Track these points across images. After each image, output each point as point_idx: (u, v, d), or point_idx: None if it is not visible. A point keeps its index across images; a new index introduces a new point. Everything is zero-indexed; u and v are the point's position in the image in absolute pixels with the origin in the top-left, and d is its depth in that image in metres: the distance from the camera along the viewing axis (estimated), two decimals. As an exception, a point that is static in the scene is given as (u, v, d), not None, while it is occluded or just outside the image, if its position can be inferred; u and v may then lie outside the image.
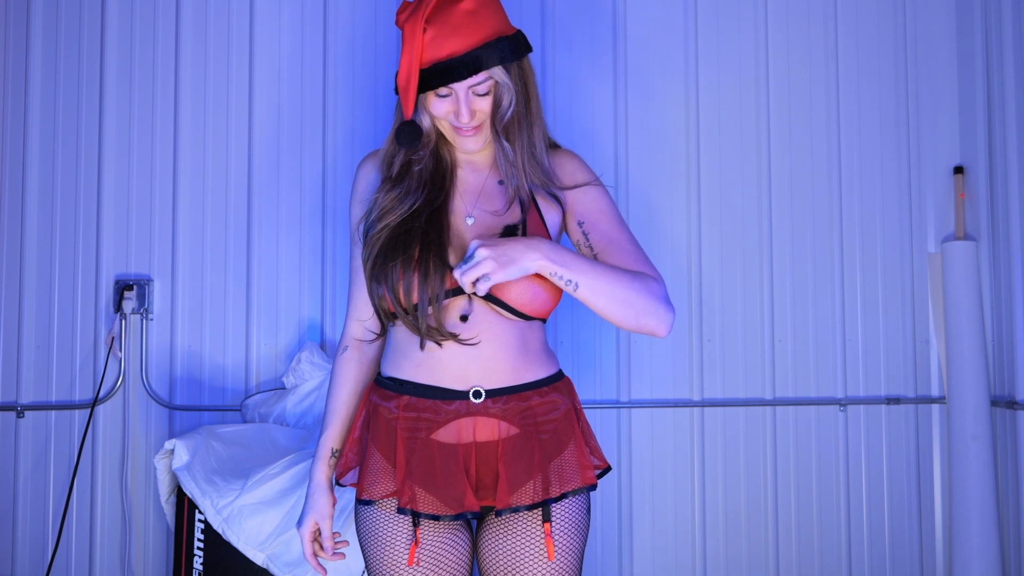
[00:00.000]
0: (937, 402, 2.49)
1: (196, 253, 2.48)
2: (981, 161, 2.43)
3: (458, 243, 1.43)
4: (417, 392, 1.41)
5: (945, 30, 2.54)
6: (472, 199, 1.46)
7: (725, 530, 2.46)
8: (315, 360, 2.35)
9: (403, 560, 1.40)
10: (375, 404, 1.46)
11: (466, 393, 1.39)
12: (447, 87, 1.36)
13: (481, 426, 1.40)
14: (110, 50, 2.51)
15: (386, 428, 1.42)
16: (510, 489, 1.37)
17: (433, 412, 1.40)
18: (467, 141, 1.44)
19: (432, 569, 1.42)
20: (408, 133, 1.41)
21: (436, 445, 1.39)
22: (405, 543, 1.41)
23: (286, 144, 2.50)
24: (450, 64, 1.33)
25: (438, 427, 1.40)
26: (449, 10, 1.34)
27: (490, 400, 1.39)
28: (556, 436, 1.42)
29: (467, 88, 1.37)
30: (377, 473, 1.42)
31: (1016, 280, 2.29)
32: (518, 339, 1.42)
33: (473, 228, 1.43)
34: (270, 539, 1.94)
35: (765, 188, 2.51)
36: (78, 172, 2.50)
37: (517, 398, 1.41)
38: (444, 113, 1.41)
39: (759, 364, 2.49)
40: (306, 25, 2.51)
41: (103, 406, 2.45)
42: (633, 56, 2.52)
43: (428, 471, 1.38)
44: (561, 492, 1.39)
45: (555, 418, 1.42)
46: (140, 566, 2.43)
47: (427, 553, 1.41)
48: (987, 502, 2.33)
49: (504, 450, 1.39)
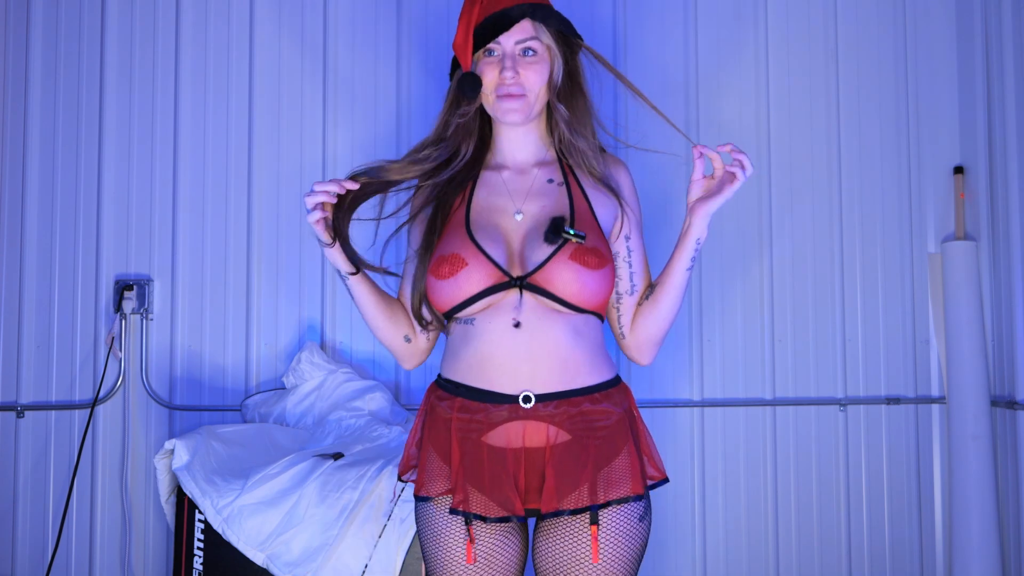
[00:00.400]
0: (937, 402, 2.49)
1: (196, 253, 2.48)
2: (981, 161, 2.42)
3: (507, 239, 1.46)
4: (470, 395, 1.43)
5: (945, 30, 2.53)
6: (521, 198, 1.49)
7: (725, 530, 2.46)
8: (315, 360, 2.35)
9: (460, 557, 1.43)
10: (433, 404, 1.49)
11: (516, 397, 1.41)
12: (495, 41, 1.45)
13: (531, 431, 1.41)
14: (110, 50, 2.51)
15: (443, 428, 1.45)
16: (557, 495, 1.39)
17: (484, 415, 1.41)
18: (509, 111, 1.47)
19: (485, 567, 1.44)
20: (470, 83, 1.46)
21: (486, 448, 1.41)
22: (461, 540, 1.43)
23: (286, 144, 2.50)
24: (500, 14, 1.43)
25: (489, 430, 1.41)
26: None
27: (540, 404, 1.41)
28: (608, 442, 1.42)
29: (513, 43, 1.45)
30: (434, 472, 1.45)
31: (1016, 280, 2.29)
32: (569, 336, 1.42)
33: (522, 223, 1.46)
34: (270, 539, 1.94)
35: (765, 188, 2.51)
36: (78, 172, 2.50)
37: (568, 403, 1.41)
38: (491, 78, 1.46)
39: (759, 364, 2.49)
40: (306, 25, 2.51)
41: (103, 406, 2.45)
42: (633, 56, 2.52)
43: (477, 473, 1.40)
44: (606, 499, 1.40)
45: (607, 425, 1.42)
46: (140, 566, 2.43)
47: (481, 551, 1.43)
48: (987, 502, 2.33)
49: (552, 456, 1.40)
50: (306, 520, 1.93)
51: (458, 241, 1.44)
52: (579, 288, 1.40)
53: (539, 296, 1.41)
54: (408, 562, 1.93)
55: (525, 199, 1.49)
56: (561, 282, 1.40)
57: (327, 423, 2.26)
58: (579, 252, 1.40)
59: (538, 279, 1.40)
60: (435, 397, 1.49)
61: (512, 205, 1.48)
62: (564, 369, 1.42)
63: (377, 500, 1.96)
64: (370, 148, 2.49)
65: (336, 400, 2.31)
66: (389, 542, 1.95)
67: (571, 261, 1.40)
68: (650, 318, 1.51)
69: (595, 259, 1.41)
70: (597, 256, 1.42)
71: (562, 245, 1.41)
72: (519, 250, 1.44)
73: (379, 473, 1.96)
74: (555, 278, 1.40)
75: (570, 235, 1.40)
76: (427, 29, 2.51)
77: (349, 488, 1.95)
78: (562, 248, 1.41)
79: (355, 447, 2.11)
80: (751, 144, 2.51)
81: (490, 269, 1.41)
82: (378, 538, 1.95)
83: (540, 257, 1.41)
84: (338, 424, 2.25)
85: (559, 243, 1.41)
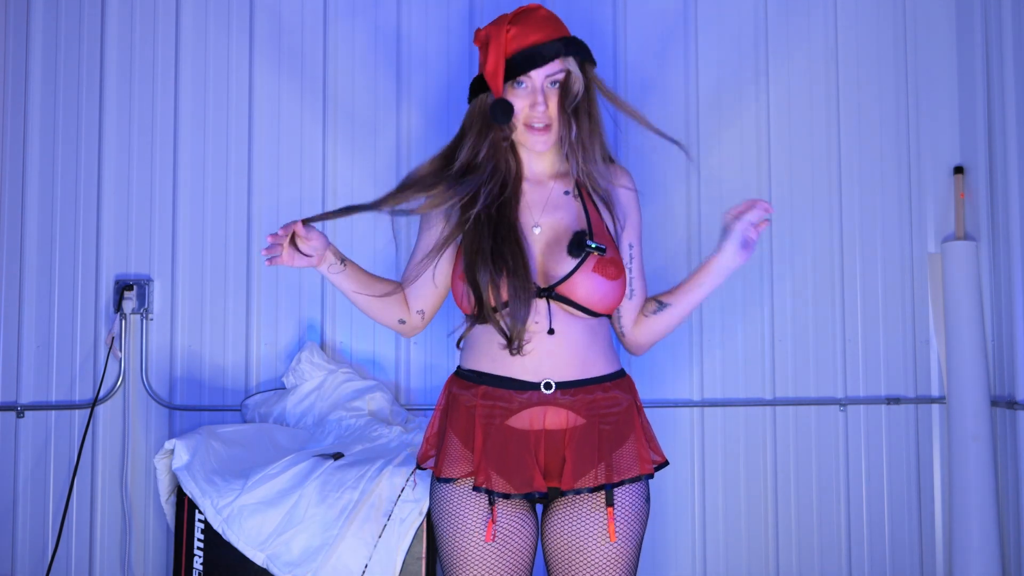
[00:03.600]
0: (937, 402, 2.49)
1: (196, 253, 2.48)
2: (981, 161, 2.42)
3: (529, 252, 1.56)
4: (494, 383, 1.54)
5: (945, 30, 2.54)
6: (538, 210, 1.59)
7: (725, 530, 2.46)
8: (315, 360, 2.35)
9: (479, 536, 1.51)
10: (455, 395, 1.58)
11: (538, 384, 1.52)
12: (527, 75, 1.53)
13: (551, 415, 1.52)
14: (110, 50, 2.51)
15: (465, 415, 1.55)
16: (575, 474, 1.50)
17: (507, 400, 1.52)
18: (537, 140, 1.56)
19: (503, 546, 1.52)
20: (502, 109, 1.54)
21: (509, 431, 1.52)
22: (481, 520, 1.52)
23: (285, 144, 2.50)
24: (533, 51, 1.52)
25: (511, 414, 1.52)
26: (529, 14, 1.56)
27: (559, 391, 1.52)
28: (618, 428, 1.54)
29: (544, 76, 1.53)
30: (455, 455, 1.54)
31: (1016, 280, 2.29)
32: (587, 336, 1.55)
33: (540, 236, 1.57)
34: (270, 539, 1.94)
35: (765, 188, 2.51)
36: (78, 172, 2.50)
37: (584, 391, 1.53)
38: (520, 107, 1.54)
39: (759, 364, 2.49)
40: (306, 25, 2.52)
41: (103, 406, 2.45)
42: (633, 55, 2.52)
43: (501, 454, 1.51)
44: (619, 479, 1.51)
45: (617, 411, 1.55)
46: (140, 566, 2.43)
47: (499, 532, 1.52)
48: (987, 502, 2.33)
49: (571, 438, 1.52)
50: (306, 520, 1.93)
51: None
52: (600, 297, 1.52)
53: (563, 304, 1.53)
54: (408, 562, 1.93)
55: (543, 212, 1.59)
56: (585, 292, 1.52)
57: (327, 423, 2.26)
58: (600, 264, 1.52)
59: (563, 290, 1.52)
60: (456, 388, 1.59)
61: (531, 218, 1.58)
62: (583, 362, 1.54)
63: (377, 500, 1.96)
64: (369, 148, 2.49)
65: (336, 400, 2.31)
66: (389, 542, 1.95)
67: (594, 273, 1.52)
68: (659, 327, 1.64)
69: (614, 269, 1.53)
70: (615, 267, 1.53)
71: (585, 258, 1.52)
72: (540, 261, 1.55)
73: (379, 473, 1.96)
74: (579, 289, 1.52)
75: (592, 248, 1.51)
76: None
77: (349, 488, 1.95)
78: (585, 261, 1.52)
79: (355, 447, 2.11)
80: (751, 144, 2.51)
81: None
82: (378, 538, 1.95)
83: (564, 270, 1.52)
84: (338, 424, 2.25)
85: (582, 256, 1.52)
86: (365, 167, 2.49)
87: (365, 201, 1.57)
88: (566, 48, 1.54)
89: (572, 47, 1.55)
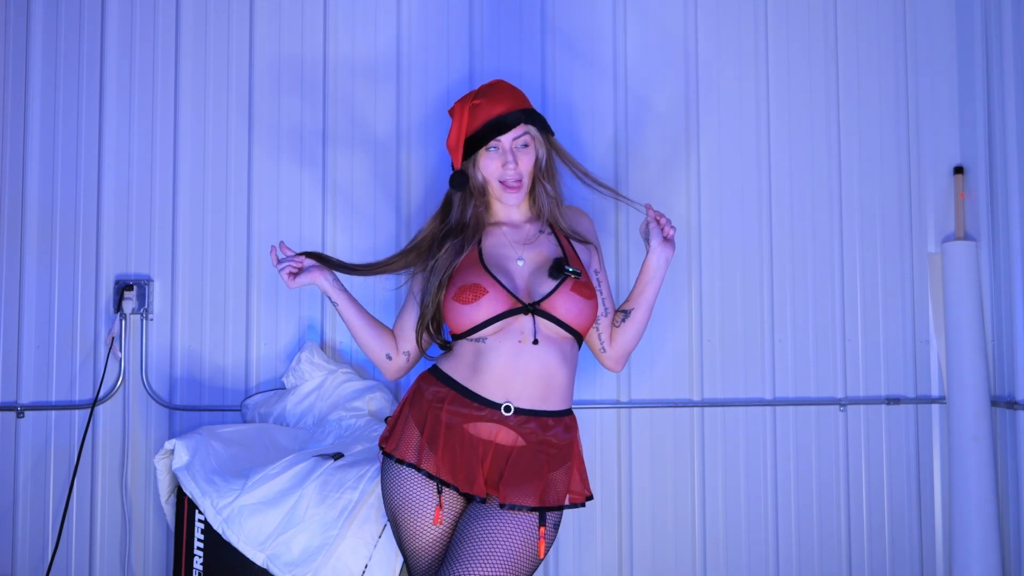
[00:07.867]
0: (937, 402, 2.49)
1: (196, 253, 2.48)
2: (981, 161, 2.43)
3: (515, 277, 1.80)
4: (463, 393, 1.75)
5: (945, 30, 2.54)
6: (520, 247, 1.85)
7: (725, 530, 2.46)
8: (315, 360, 2.35)
9: (429, 518, 1.73)
10: (422, 387, 1.80)
11: (499, 405, 1.73)
12: (496, 140, 1.79)
13: (503, 433, 1.73)
14: (110, 50, 2.51)
15: (427, 406, 1.76)
16: (510, 488, 1.69)
17: (468, 411, 1.73)
18: (511, 195, 1.83)
19: (446, 528, 1.75)
20: (458, 178, 1.84)
21: (465, 434, 1.72)
22: (430, 503, 1.73)
23: (285, 144, 2.50)
24: (500, 120, 1.79)
25: (469, 422, 1.73)
26: (494, 88, 1.84)
27: (515, 416, 1.73)
28: (556, 459, 1.74)
29: (511, 140, 1.80)
30: (408, 438, 1.76)
31: (1016, 280, 2.29)
32: (557, 360, 1.75)
33: (524, 267, 1.81)
34: (270, 539, 1.94)
35: (765, 188, 2.51)
36: (78, 172, 2.50)
37: (536, 421, 1.74)
38: (493, 169, 1.81)
39: (759, 364, 2.49)
40: (306, 25, 2.52)
41: (103, 406, 2.45)
42: (633, 55, 2.52)
43: (453, 452, 1.72)
44: (555, 504, 1.70)
45: (558, 444, 1.75)
46: (140, 566, 2.43)
47: (445, 516, 1.75)
48: (987, 502, 2.33)
49: (514, 456, 1.72)
50: (306, 520, 1.93)
51: (477, 275, 1.77)
52: (577, 313, 1.76)
53: (545, 320, 1.75)
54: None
55: (524, 248, 1.85)
56: (564, 308, 1.75)
57: (327, 423, 2.26)
58: (577, 285, 1.77)
59: (545, 306, 1.75)
60: (425, 382, 1.81)
61: (514, 253, 1.83)
62: (545, 390, 1.75)
63: (377, 500, 1.96)
64: (369, 154, 2.49)
65: (336, 400, 2.31)
66: (389, 542, 1.95)
67: (572, 292, 1.76)
68: (629, 333, 1.88)
69: (587, 291, 1.78)
70: (589, 288, 1.79)
71: (563, 280, 1.77)
72: (525, 285, 1.78)
73: (379, 473, 1.96)
74: (559, 305, 1.75)
75: (569, 272, 1.77)
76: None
77: (349, 488, 1.95)
78: (564, 282, 1.77)
79: (355, 447, 2.11)
80: (751, 144, 2.51)
81: (506, 297, 1.75)
82: (378, 538, 1.95)
83: (546, 289, 1.77)
84: (338, 424, 2.25)
85: (561, 278, 1.77)
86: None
87: (367, 261, 1.95)
88: (527, 117, 1.81)
89: (528, 115, 1.81)
